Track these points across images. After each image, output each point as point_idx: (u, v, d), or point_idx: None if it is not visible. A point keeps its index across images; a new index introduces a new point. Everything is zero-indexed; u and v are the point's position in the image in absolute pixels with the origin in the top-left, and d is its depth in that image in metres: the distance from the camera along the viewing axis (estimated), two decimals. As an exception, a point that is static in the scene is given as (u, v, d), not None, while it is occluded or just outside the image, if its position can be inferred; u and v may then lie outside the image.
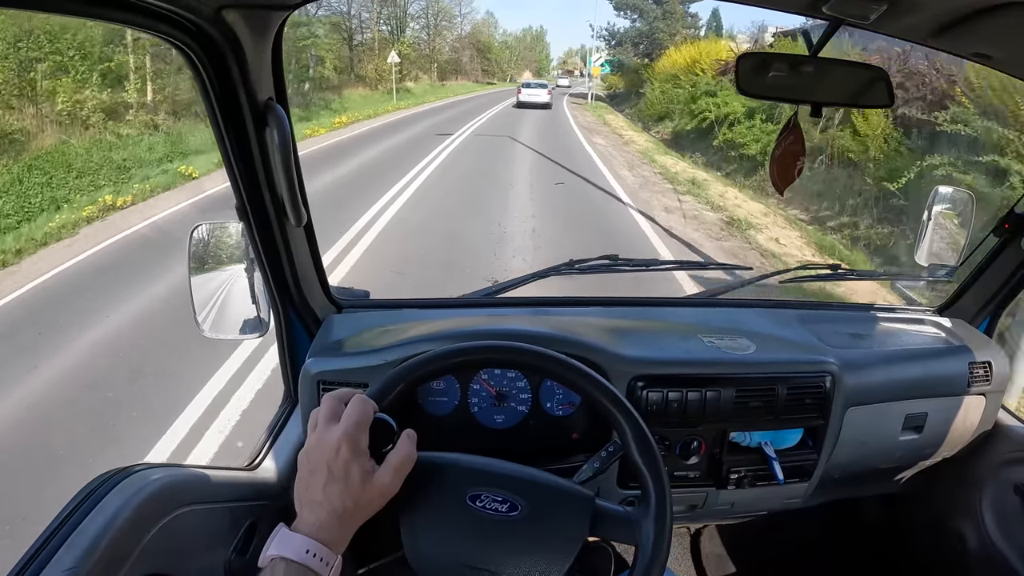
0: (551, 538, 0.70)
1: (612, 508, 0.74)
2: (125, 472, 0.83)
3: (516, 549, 0.69)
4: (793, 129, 1.04)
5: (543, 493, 0.73)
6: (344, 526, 0.65)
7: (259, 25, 0.87)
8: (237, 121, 0.92)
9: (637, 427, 0.75)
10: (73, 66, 11.58)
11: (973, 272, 1.39)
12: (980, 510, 1.37)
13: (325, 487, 0.65)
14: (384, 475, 0.67)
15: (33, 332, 4.44)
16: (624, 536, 0.73)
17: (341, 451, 0.65)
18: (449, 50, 49.11)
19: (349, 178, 9.43)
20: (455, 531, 0.70)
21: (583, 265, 1.37)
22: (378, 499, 0.67)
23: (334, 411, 0.69)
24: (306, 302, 1.17)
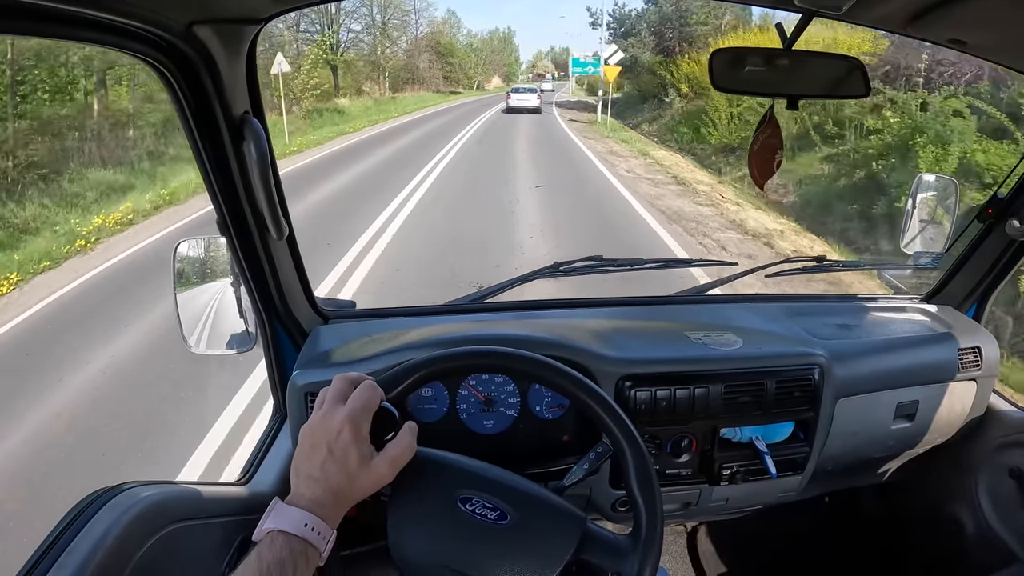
0: (535, 552, 0.69)
1: (602, 533, 0.73)
2: (115, 490, 0.82)
3: (499, 558, 0.68)
4: (770, 123, 1.04)
5: (534, 505, 0.73)
6: (338, 504, 0.66)
7: (231, 40, 0.87)
8: (214, 136, 0.92)
9: (641, 457, 0.74)
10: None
11: (959, 259, 1.39)
12: (976, 495, 1.37)
13: (323, 465, 0.66)
14: (381, 463, 0.68)
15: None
16: (609, 563, 0.72)
17: (343, 432, 0.66)
18: (404, 55, 41.50)
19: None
20: (440, 531, 0.70)
21: (568, 267, 1.37)
22: (370, 486, 0.68)
23: (342, 392, 0.70)
24: (292, 314, 1.16)
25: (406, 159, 12.47)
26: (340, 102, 25.65)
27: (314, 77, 22.57)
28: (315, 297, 1.23)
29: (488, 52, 62.22)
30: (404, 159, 12.52)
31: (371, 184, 9.92)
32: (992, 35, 0.97)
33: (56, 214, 8.63)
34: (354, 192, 9.43)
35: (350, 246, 6.33)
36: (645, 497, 0.73)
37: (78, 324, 4.94)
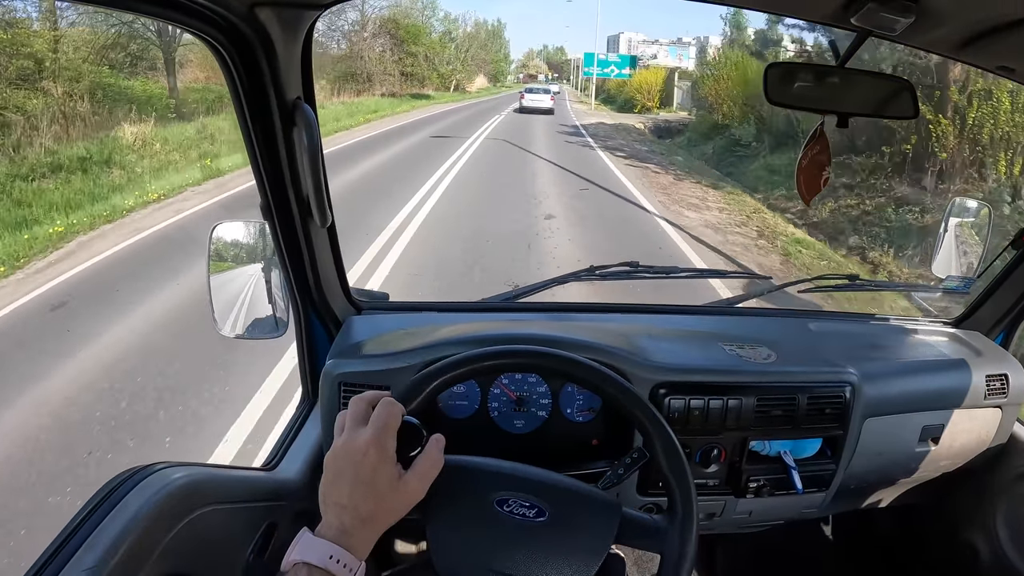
0: (577, 544, 0.70)
1: (639, 516, 0.74)
2: (146, 470, 0.81)
3: (542, 554, 0.69)
4: (819, 139, 1.05)
5: (570, 499, 0.73)
6: (369, 531, 0.65)
7: (291, 24, 0.87)
8: (265, 120, 0.92)
9: (666, 436, 0.75)
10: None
11: (990, 285, 1.39)
12: (994, 523, 1.36)
13: (351, 491, 0.64)
14: (411, 480, 0.67)
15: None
16: (650, 545, 0.73)
17: (369, 455, 0.65)
18: (345, 43, 28.82)
19: None
20: (482, 535, 0.70)
21: (604, 271, 1.37)
22: (404, 505, 0.67)
23: (362, 414, 0.69)
24: (327, 303, 1.16)
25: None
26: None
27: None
28: (350, 287, 1.23)
29: (474, 47, 50.19)
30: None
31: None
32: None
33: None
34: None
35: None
36: (676, 474, 0.74)
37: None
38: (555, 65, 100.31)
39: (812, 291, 1.42)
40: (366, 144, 14.21)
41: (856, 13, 0.82)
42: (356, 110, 21.59)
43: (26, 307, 4.97)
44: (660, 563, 0.71)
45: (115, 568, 0.68)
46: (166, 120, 13.05)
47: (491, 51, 58.94)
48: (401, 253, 5.84)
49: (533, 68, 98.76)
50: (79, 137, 10.66)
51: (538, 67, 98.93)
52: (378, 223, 6.75)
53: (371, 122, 19.85)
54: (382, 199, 8.02)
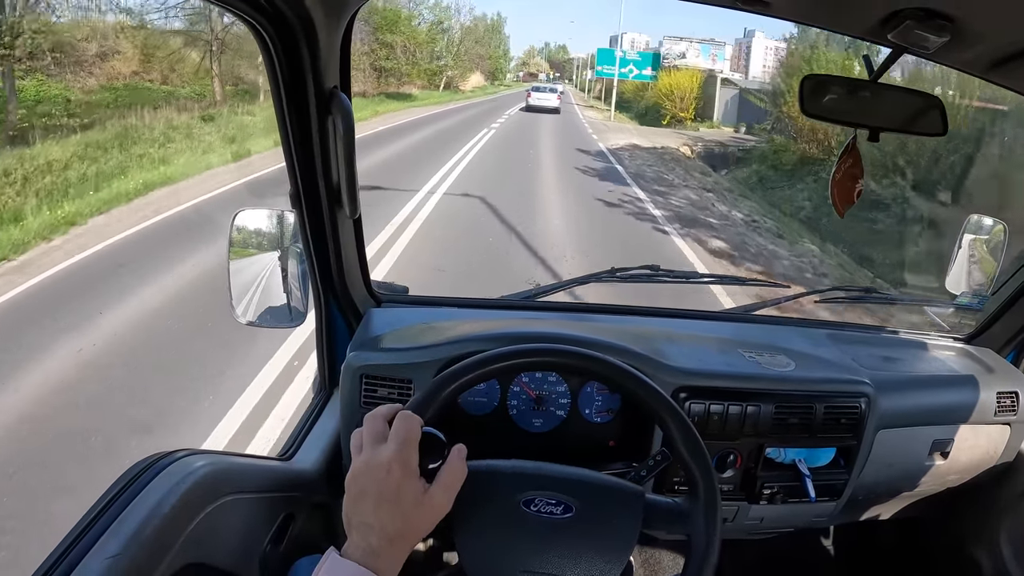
0: (607, 535, 0.70)
1: (663, 501, 0.76)
2: (169, 458, 0.81)
3: (573, 550, 0.69)
4: (852, 152, 1.05)
5: (594, 491, 0.74)
6: (397, 550, 0.63)
7: (334, 10, 0.87)
8: (301, 106, 0.92)
9: (682, 422, 0.77)
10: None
11: (1004, 302, 1.40)
12: (998, 540, 1.38)
13: (376, 510, 0.63)
14: (437, 494, 0.66)
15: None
16: (676, 528, 0.74)
17: (392, 472, 0.63)
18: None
19: None
20: (512, 538, 0.70)
21: (624, 273, 1.38)
22: (431, 520, 0.66)
23: (379, 431, 0.67)
24: (348, 294, 1.16)
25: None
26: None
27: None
28: (371, 280, 1.23)
29: (468, 41, 43.75)
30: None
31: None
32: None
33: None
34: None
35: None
36: (696, 456, 0.75)
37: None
38: (557, 64, 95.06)
39: (828, 301, 1.43)
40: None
41: (893, 30, 0.82)
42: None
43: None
44: (689, 545, 0.72)
45: (138, 556, 0.68)
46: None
47: (489, 47, 52.57)
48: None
49: (534, 66, 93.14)
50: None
51: (539, 65, 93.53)
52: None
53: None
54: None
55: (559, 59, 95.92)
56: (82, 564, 0.65)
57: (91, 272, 5.56)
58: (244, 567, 0.89)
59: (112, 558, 0.66)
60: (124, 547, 0.68)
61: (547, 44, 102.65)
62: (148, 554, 0.69)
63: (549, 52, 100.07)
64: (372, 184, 8.15)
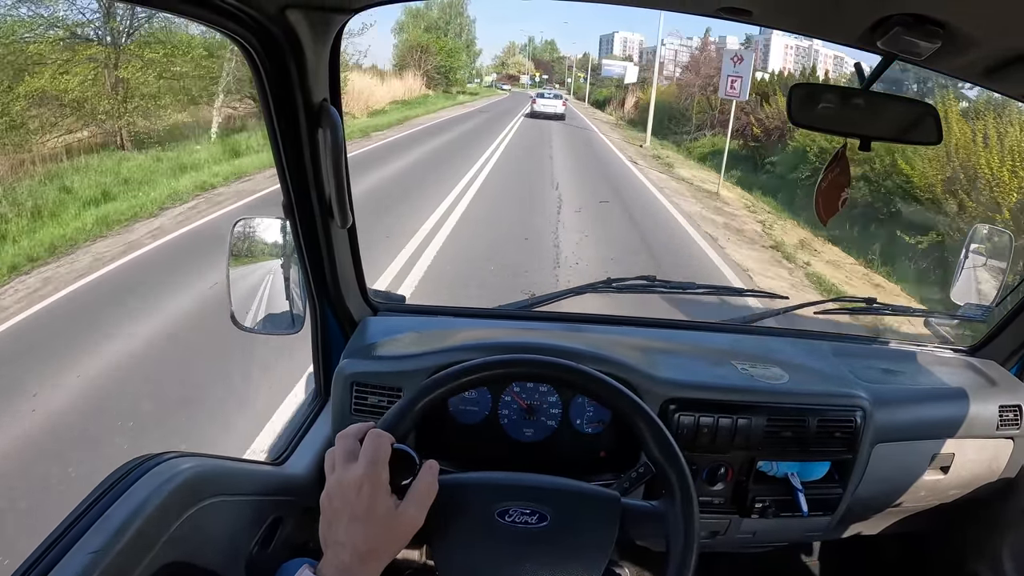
0: (584, 543, 0.71)
1: (639, 504, 0.76)
2: (156, 459, 0.83)
3: (552, 558, 0.69)
4: (840, 161, 1.05)
5: (569, 499, 0.74)
6: (370, 568, 0.64)
7: (320, 27, 0.89)
8: (291, 120, 0.94)
9: (651, 421, 0.77)
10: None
11: (1008, 314, 1.37)
12: (1001, 556, 1.34)
13: (348, 528, 0.64)
14: (408, 510, 0.66)
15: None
16: (654, 531, 0.74)
17: (363, 490, 0.64)
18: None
19: None
20: (489, 550, 0.70)
21: (620, 284, 1.38)
22: (404, 535, 0.66)
23: (350, 450, 0.68)
24: (343, 302, 1.18)
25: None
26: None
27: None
28: (367, 288, 1.24)
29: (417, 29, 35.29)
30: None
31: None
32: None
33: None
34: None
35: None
36: (668, 456, 0.75)
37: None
38: (544, 63, 78.14)
39: (828, 313, 1.41)
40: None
41: (883, 36, 0.82)
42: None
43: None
44: (667, 547, 0.72)
45: (120, 553, 0.69)
46: None
47: (438, 34, 38.04)
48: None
49: (514, 67, 75.83)
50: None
51: (521, 65, 76.60)
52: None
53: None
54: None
55: (546, 58, 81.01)
56: (64, 560, 0.67)
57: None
58: (230, 568, 0.90)
59: (93, 554, 0.68)
60: (106, 544, 0.69)
61: (531, 39, 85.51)
62: (130, 551, 0.71)
63: (534, 49, 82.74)
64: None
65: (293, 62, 0.88)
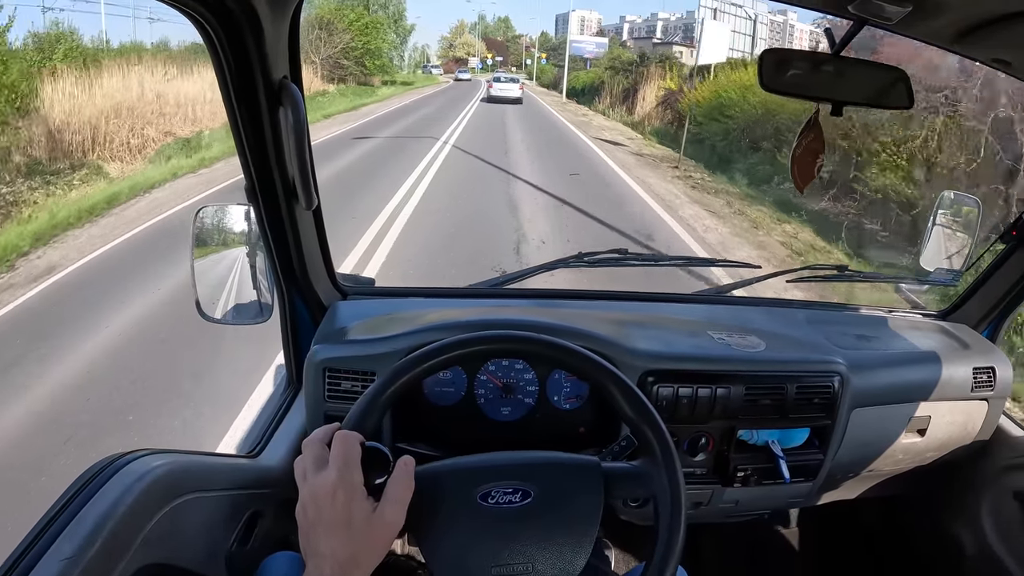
0: (572, 513, 0.70)
1: (620, 466, 0.75)
2: (127, 457, 0.80)
3: (541, 533, 0.68)
4: (813, 127, 1.04)
5: (549, 472, 0.73)
6: (355, 574, 0.62)
7: (278, 1, 0.85)
8: (251, 99, 0.90)
9: (621, 383, 0.76)
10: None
11: (978, 278, 1.40)
12: (979, 515, 1.38)
13: (326, 539, 0.62)
14: (386, 511, 0.64)
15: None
16: (639, 490, 0.74)
17: (337, 496, 0.62)
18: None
19: None
20: (476, 534, 0.68)
21: (592, 258, 1.36)
22: (385, 538, 0.65)
23: (319, 456, 0.66)
24: (312, 288, 1.15)
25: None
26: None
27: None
28: (336, 272, 1.21)
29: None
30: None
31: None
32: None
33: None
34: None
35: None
36: (642, 415, 0.75)
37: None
38: (497, 44, 69.75)
39: (801, 280, 1.42)
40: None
41: (853, 1, 0.81)
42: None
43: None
44: (655, 507, 0.71)
45: (94, 557, 0.67)
46: None
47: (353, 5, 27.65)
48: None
49: (462, 48, 67.31)
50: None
51: (470, 46, 67.93)
52: None
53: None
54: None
55: (500, 38, 72.54)
56: (37, 568, 0.64)
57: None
58: (209, 566, 0.88)
59: (67, 560, 0.66)
60: (79, 549, 0.67)
61: (482, 17, 75.21)
62: (104, 555, 0.68)
63: (486, 28, 73.68)
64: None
65: (252, 39, 0.85)
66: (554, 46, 53.50)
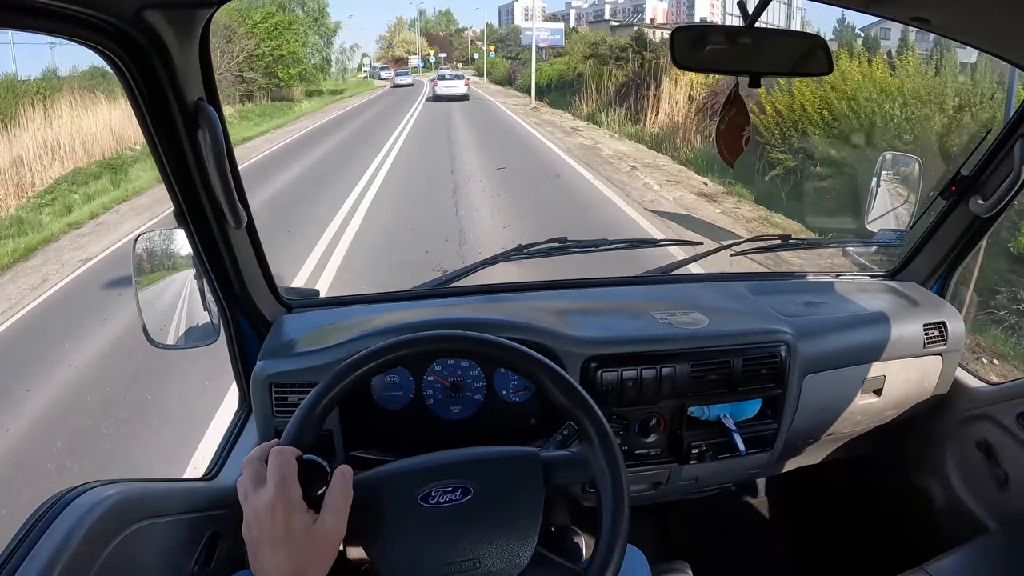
0: (513, 506, 0.70)
1: (558, 454, 0.75)
2: (77, 491, 0.80)
3: (485, 529, 0.69)
4: (736, 101, 1.04)
5: (489, 467, 0.74)
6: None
7: (183, 24, 0.85)
8: (168, 124, 0.90)
9: (547, 368, 0.76)
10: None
11: (923, 235, 1.41)
12: (945, 468, 1.39)
13: (271, 555, 0.62)
14: (327, 520, 0.65)
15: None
16: (578, 476, 0.74)
17: (276, 512, 0.63)
18: None
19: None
20: (420, 537, 0.69)
21: (532, 249, 1.36)
22: (329, 548, 0.65)
23: (258, 474, 0.67)
24: (254, 304, 1.14)
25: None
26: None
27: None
28: (278, 287, 1.21)
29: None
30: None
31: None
32: (955, 14, 0.98)
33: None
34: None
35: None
36: (572, 397, 0.75)
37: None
38: (440, 39, 65.38)
39: (746, 253, 1.42)
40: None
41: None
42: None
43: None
44: (597, 493, 0.72)
45: None
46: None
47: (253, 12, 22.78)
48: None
49: (402, 47, 62.87)
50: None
51: (410, 43, 63.62)
52: None
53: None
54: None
55: (442, 32, 67.73)
56: None
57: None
58: None
59: None
60: None
61: (422, 12, 70.45)
62: None
63: (426, 23, 68.95)
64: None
65: (160, 64, 0.84)
66: (501, 37, 51.17)
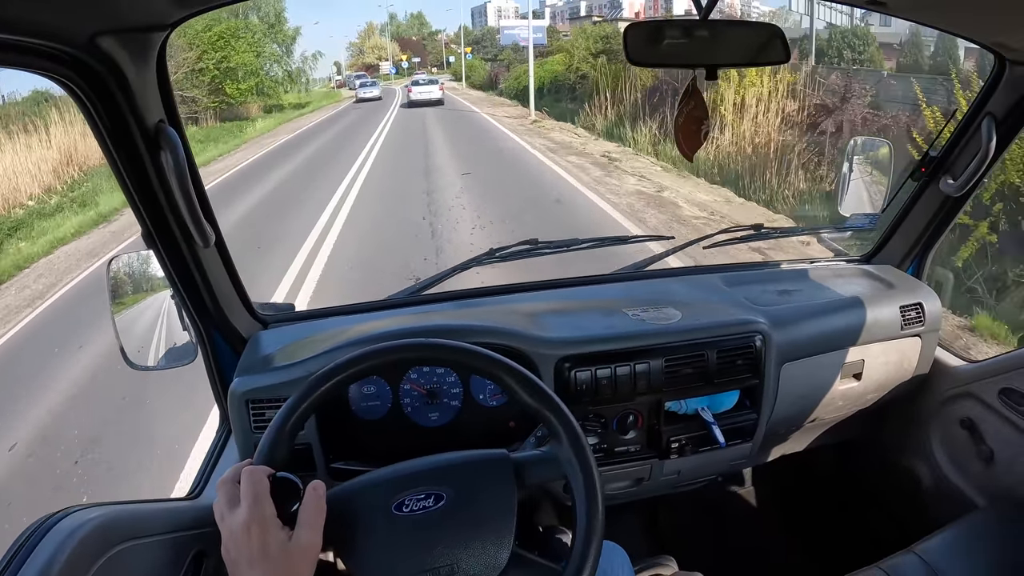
0: (487, 509, 0.70)
1: (528, 455, 0.76)
2: (57, 515, 0.80)
3: (459, 535, 0.69)
4: (694, 95, 1.05)
5: (460, 472, 0.74)
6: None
7: (138, 48, 0.85)
8: (130, 148, 0.90)
9: (510, 369, 0.76)
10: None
11: (896, 218, 1.41)
12: (930, 448, 1.39)
13: (249, 573, 0.63)
14: (302, 535, 0.66)
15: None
16: (551, 474, 0.74)
17: (251, 532, 0.64)
18: None
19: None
20: (396, 546, 0.69)
21: (504, 252, 1.37)
22: (306, 563, 0.65)
23: (232, 495, 0.67)
24: (228, 322, 1.14)
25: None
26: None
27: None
28: (252, 303, 1.21)
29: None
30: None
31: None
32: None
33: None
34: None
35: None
36: (538, 397, 0.75)
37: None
38: (412, 43, 64.79)
39: (718, 245, 1.42)
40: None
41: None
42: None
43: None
44: (571, 490, 0.72)
45: None
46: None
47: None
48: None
49: (372, 53, 60.97)
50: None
51: (381, 49, 62.03)
52: None
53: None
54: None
55: (415, 36, 66.66)
56: None
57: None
58: None
59: None
60: None
61: (393, 16, 68.84)
62: None
63: (398, 27, 67.54)
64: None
65: (118, 89, 0.84)
66: (476, 39, 50.46)
